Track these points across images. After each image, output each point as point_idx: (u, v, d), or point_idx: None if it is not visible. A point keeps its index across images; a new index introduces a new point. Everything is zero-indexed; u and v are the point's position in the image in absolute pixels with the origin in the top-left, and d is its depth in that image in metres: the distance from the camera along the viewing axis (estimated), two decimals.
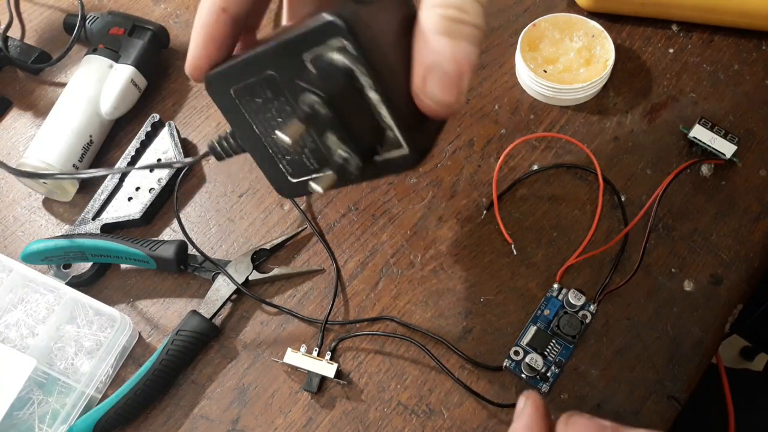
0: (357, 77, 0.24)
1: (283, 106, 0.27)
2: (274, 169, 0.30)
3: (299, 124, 0.25)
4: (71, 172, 0.43)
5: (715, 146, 0.45)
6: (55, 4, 0.59)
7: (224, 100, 0.29)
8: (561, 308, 0.42)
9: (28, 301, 0.44)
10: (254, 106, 0.28)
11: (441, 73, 0.24)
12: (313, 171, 0.29)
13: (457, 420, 0.40)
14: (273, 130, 0.28)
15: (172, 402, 0.42)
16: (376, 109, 0.25)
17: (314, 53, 0.24)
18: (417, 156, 0.26)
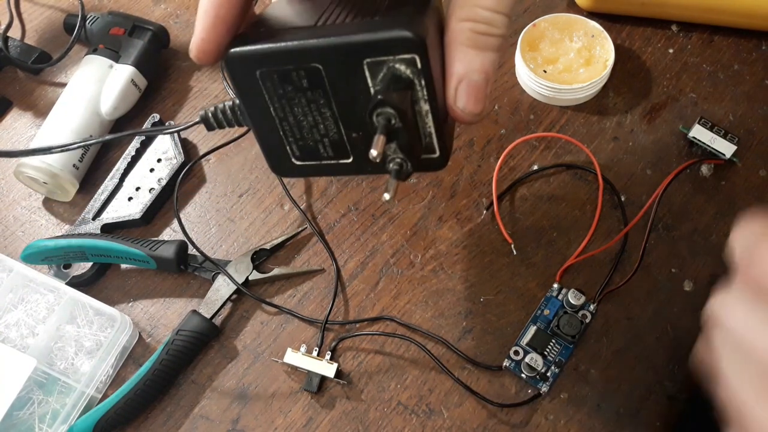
0: (415, 90, 0.26)
1: (317, 96, 0.27)
2: (277, 149, 0.30)
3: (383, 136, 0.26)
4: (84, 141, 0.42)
5: (714, 146, 0.45)
6: (55, 4, 0.59)
7: (244, 80, 0.28)
8: (561, 308, 0.42)
9: (28, 301, 0.44)
10: (280, 91, 0.28)
11: (471, 84, 0.26)
12: (325, 158, 0.30)
13: (457, 420, 0.40)
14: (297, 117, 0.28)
15: (172, 402, 0.42)
16: (422, 119, 0.27)
17: (377, 60, 0.25)
18: (446, 160, 0.28)
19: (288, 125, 0.29)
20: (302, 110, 0.28)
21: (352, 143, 0.29)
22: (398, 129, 0.26)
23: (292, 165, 0.30)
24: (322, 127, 0.28)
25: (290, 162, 0.30)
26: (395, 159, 0.27)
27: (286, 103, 0.28)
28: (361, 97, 0.27)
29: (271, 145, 0.30)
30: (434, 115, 0.27)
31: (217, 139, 0.50)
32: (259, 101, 0.28)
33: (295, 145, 0.29)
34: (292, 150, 0.30)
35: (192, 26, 0.58)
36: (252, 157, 0.50)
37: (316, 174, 0.31)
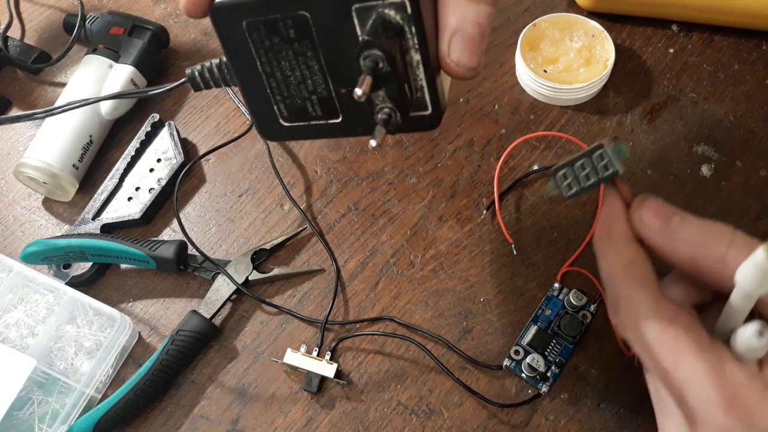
0: (405, 37, 0.25)
1: (304, 48, 0.26)
2: (265, 109, 0.29)
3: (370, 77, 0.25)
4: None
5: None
6: (55, 4, 0.59)
7: (230, 32, 0.27)
8: (562, 308, 0.42)
9: (28, 301, 0.44)
10: (267, 43, 0.27)
11: (465, 36, 0.25)
12: (314, 118, 0.29)
13: (457, 420, 0.40)
14: (284, 72, 0.28)
15: (172, 402, 0.42)
16: (413, 70, 0.26)
17: (366, 5, 0.25)
18: (438, 117, 0.27)
19: (275, 82, 0.28)
20: (289, 64, 0.27)
21: (342, 100, 0.28)
22: (386, 74, 0.25)
23: (280, 127, 0.30)
24: (310, 82, 0.28)
25: (278, 124, 0.30)
26: (383, 108, 0.26)
27: (272, 57, 0.27)
28: (350, 46, 0.26)
29: (259, 105, 0.29)
30: (426, 66, 0.26)
31: (217, 139, 0.50)
32: (246, 56, 0.28)
33: (283, 104, 0.29)
34: (280, 110, 0.29)
35: (191, 26, 0.58)
36: (252, 157, 0.50)
37: (305, 136, 0.30)
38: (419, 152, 0.49)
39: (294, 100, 0.28)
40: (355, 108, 0.28)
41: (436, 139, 0.49)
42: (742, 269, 0.26)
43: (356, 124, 0.28)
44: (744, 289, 0.26)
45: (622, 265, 0.30)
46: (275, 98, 0.29)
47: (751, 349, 0.26)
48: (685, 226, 0.29)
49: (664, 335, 0.28)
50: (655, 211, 0.30)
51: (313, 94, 0.28)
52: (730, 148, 0.47)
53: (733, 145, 0.47)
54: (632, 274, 0.30)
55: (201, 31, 0.56)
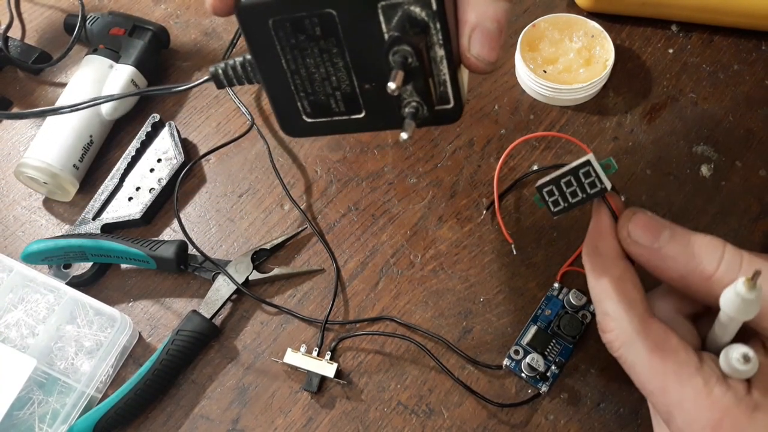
0: (430, 33, 0.26)
1: (329, 45, 0.27)
2: (288, 105, 0.30)
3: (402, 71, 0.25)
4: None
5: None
6: (56, 4, 0.59)
7: (256, 30, 0.28)
8: (561, 308, 0.42)
9: (28, 301, 0.44)
10: (292, 41, 0.27)
11: (484, 31, 0.26)
12: (337, 114, 0.29)
13: (457, 420, 0.40)
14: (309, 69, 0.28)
15: (172, 402, 0.42)
16: (436, 65, 0.27)
17: (392, 3, 0.25)
18: (460, 111, 0.28)
19: (299, 79, 0.29)
20: (314, 61, 0.28)
21: (365, 96, 0.28)
22: (415, 69, 0.26)
23: (303, 123, 0.30)
24: (335, 79, 0.28)
25: (301, 120, 0.30)
26: (411, 102, 0.27)
27: (298, 54, 0.28)
28: (375, 43, 0.26)
29: (282, 102, 0.30)
30: (449, 60, 0.27)
31: (218, 139, 0.50)
32: (271, 54, 0.28)
33: (307, 100, 0.29)
34: (303, 106, 0.29)
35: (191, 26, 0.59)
36: (252, 157, 0.50)
37: (327, 132, 0.30)
38: (419, 152, 0.49)
39: (318, 97, 0.29)
40: (378, 103, 0.28)
41: (436, 139, 0.49)
42: (725, 295, 0.26)
43: (378, 119, 0.29)
44: (727, 314, 0.26)
45: (610, 284, 0.30)
46: (299, 95, 0.29)
47: (737, 372, 0.27)
48: (674, 241, 0.29)
49: (651, 358, 0.28)
50: (643, 225, 0.30)
51: (336, 90, 0.28)
52: (729, 148, 0.47)
53: (732, 145, 0.47)
54: (620, 292, 0.29)
55: (201, 32, 0.56)
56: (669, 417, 0.28)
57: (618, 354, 0.30)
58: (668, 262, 0.29)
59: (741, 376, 0.27)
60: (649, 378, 0.28)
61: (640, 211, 0.31)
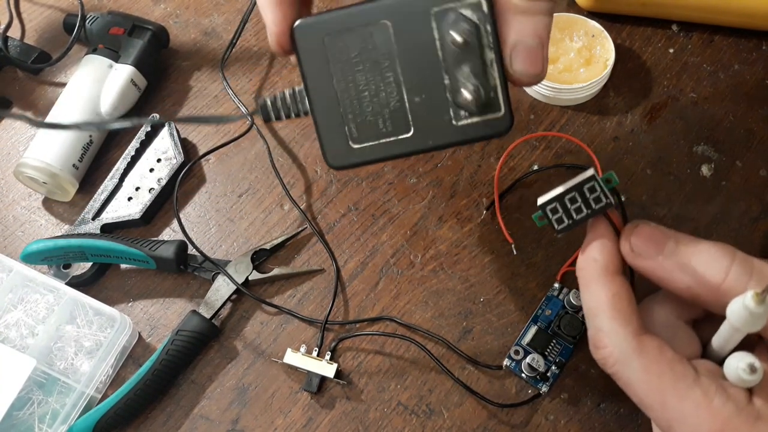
0: (481, 36, 0.26)
1: (381, 58, 0.28)
2: (336, 132, 0.30)
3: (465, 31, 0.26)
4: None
5: None
6: (55, 4, 0.59)
7: (309, 51, 0.28)
8: (562, 308, 0.42)
9: (27, 301, 0.44)
10: (345, 57, 0.28)
11: (525, 49, 0.26)
12: (384, 135, 0.29)
13: (457, 420, 0.40)
14: (358, 87, 0.28)
15: (172, 402, 0.42)
16: (489, 70, 0.27)
17: (444, 8, 0.26)
18: (511, 121, 0.28)
19: (349, 99, 0.29)
20: (365, 77, 0.28)
21: (414, 110, 0.28)
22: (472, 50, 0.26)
23: (349, 150, 0.30)
24: (384, 95, 0.28)
25: (347, 146, 0.30)
26: (468, 85, 0.27)
27: (349, 71, 0.28)
28: (427, 52, 0.27)
29: (330, 129, 0.30)
30: (500, 64, 0.27)
31: (217, 139, 0.50)
32: (323, 74, 0.28)
33: (354, 123, 0.29)
34: (350, 131, 0.29)
35: (191, 26, 0.58)
36: (252, 157, 0.50)
37: (373, 158, 0.30)
38: None
39: (365, 117, 0.29)
40: (427, 118, 0.28)
41: None
42: (732, 306, 0.26)
43: (427, 136, 0.29)
44: (733, 325, 0.26)
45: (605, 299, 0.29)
46: (347, 117, 0.29)
47: (742, 382, 0.26)
48: (680, 252, 0.29)
49: (648, 375, 0.28)
50: (647, 237, 0.29)
51: (385, 107, 0.29)
52: (730, 148, 0.47)
53: (733, 145, 0.47)
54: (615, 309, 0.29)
55: (201, 31, 0.56)
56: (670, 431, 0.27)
57: (613, 371, 0.29)
58: (674, 274, 0.29)
59: (745, 386, 0.27)
60: (647, 394, 0.28)
61: (643, 222, 0.30)
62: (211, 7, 0.57)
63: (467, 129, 0.28)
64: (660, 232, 0.29)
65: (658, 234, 0.29)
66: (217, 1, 0.58)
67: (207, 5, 0.57)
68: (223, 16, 0.57)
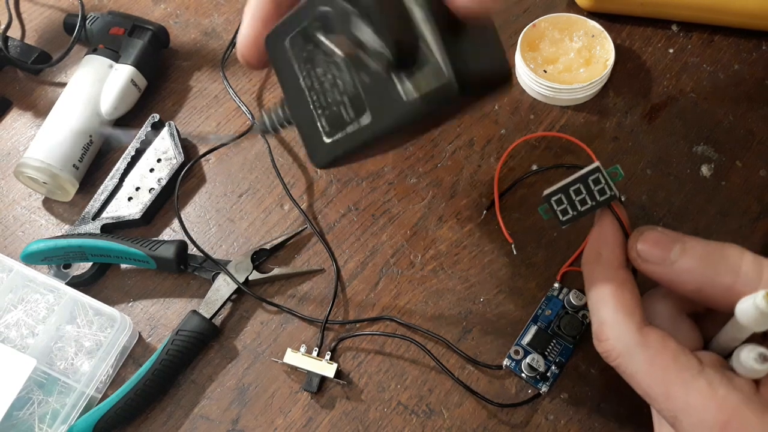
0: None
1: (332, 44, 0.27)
2: (313, 132, 0.30)
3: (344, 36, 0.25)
4: None
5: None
6: (55, 4, 0.59)
7: (279, 58, 0.29)
8: (562, 308, 0.42)
9: (28, 301, 0.44)
10: (305, 54, 0.28)
11: None
12: (348, 124, 0.28)
13: (457, 420, 0.40)
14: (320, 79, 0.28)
15: (172, 402, 0.42)
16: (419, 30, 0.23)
17: None
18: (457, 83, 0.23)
19: (315, 94, 0.29)
20: (323, 69, 0.28)
21: (367, 92, 0.27)
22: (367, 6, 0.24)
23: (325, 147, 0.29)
24: (341, 82, 0.27)
25: (323, 142, 0.29)
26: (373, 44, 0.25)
27: (310, 67, 0.28)
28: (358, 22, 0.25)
29: (308, 130, 0.30)
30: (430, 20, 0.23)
31: (218, 139, 0.50)
32: (292, 76, 0.29)
33: (324, 116, 0.29)
34: (322, 125, 0.29)
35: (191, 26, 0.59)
36: (252, 157, 0.50)
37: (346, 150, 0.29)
38: (419, 152, 0.49)
39: (331, 108, 0.29)
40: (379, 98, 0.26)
41: (436, 139, 0.49)
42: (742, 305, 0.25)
43: (383, 118, 0.26)
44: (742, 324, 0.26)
45: (609, 292, 0.29)
46: (317, 112, 0.29)
47: (752, 372, 0.26)
48: (687, 255, 0.28)
49: (652, 367, 0.27)
50: (653, 242, 0.29)
51: (344, 94, 0.28)
52: (730, 148, 0.47)
53: (733, 145, 0.47)
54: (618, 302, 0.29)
55: (201, 31, 0.56)
56: (675, 421, 0.27)
57: (616, 363, 0.29)
58: (682, 276, 0.29)
59: (756, 376, 0.26)
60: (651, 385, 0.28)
61: (649, 228, 0.30)
62: (211, 7, 0.57)
63: (418, 102, 0.24)
64: (666, 236, 0.29)
65: (665, 239, 0.29)
66: (217, 1, 0.58)
67: (207, 5, 0.57)
68: (223, 16, 0.57)
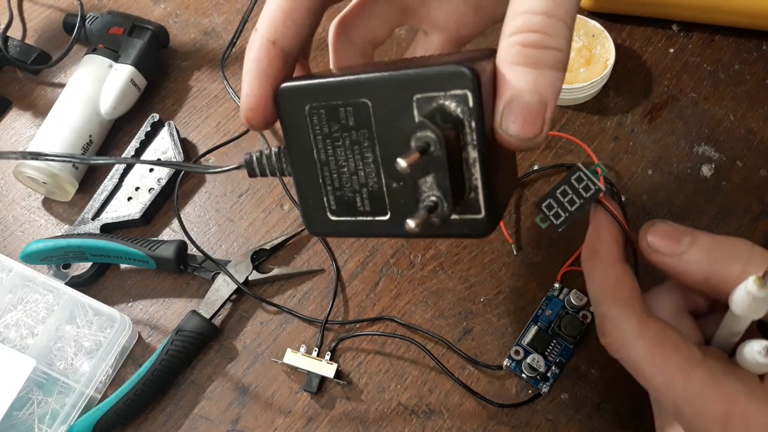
0: (464, 132, 0.24)
1: (361, 138, 0.26)
2: (314, 201, 0.29)
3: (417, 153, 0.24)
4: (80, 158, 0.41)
5: None
6: (55, 3, 0.58)
7: (292, 117, 0.27)
8: (562, 308, 0.41)
9: (27, 301, 0.44)
10: (326, 130, 0.27)
11: (521, 106, 0.22)
12: (361, 213, 0.28)
13: (457, 420, 0.40)
14: (338, 161, 0.27)
15: (172, 402, 0.42)
16: (468, 168, 0.25)
17: (427, 96, 0.24)
18: (492, 224, 0.25)
19: (328, 171, 0.28)
20: (345, 153, 0.27)
21: (392, 196, 0.27)
22: (437, 159, 0.24)
23: (327, 221, 0.29)
24: (363, 174, 0.27)
25: (325, 217, 0.29)
26: (430, 195, 0.25)
27: (329, 145, 0.27)
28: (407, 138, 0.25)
29: (310, 196, 0.29)
30: (483, 164, 0.24)
31: (217, 139, 0.50)
32: (304, 142, 0.28)
33: (333, 196, 0.28)
34: (329, 202, 0.28)
35: (191, 26, 0.58)
36: None
37: (350, 232, 0.29)
38: None
39: (344, 193, 0.28)
40: (404, 205, 0.27)
41: None
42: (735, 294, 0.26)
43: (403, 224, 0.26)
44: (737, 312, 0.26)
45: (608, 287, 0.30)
46: (326, 188, 0.28)
47: (756, 366, 0.26)
48: (696, 246, 0.29)
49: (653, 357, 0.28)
50: (663, 234, 0.30)
51: (364, 187, 0.27)
52: (730, 148, 0.47)
53: (733, 145, 0.47)
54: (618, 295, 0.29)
55: (201, 31, 0.56)
56: (678, 412, 0.27)
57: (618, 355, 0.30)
58: (691, 267, 0.29)
59: (760, 371, 0.26)
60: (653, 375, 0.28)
61: (660, 221, 0.30)
62: (211, 7, 0.57)
63: (443, 227, 0.26)
64: (676, 229, 0.30)
65: (675, 231, 0.30)
66: (217, 1, 0.58)
67: (207, 5, 0.57)
68: (223, 16, 0.57)
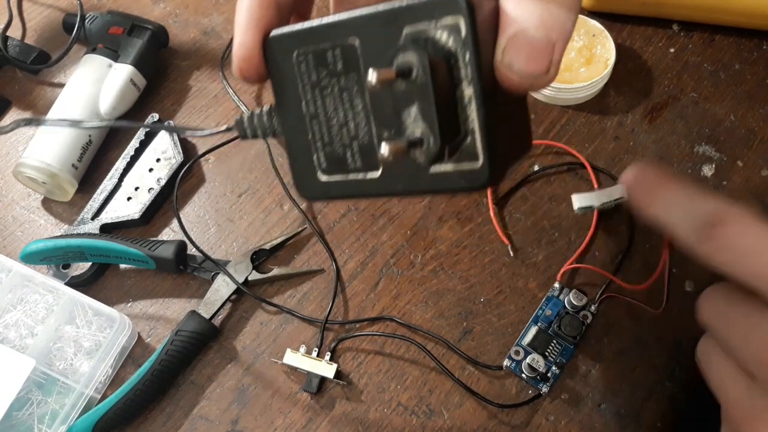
0: (457, 66, 0.21)
1: (350, 83, 0.24)
2: (304, 160, 0.27)
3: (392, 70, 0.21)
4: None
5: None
6: (54, 3, 0.58)
7: (280, 67, 0.26)
8: (562, 308, 0.41)
9: (27, 301, 0.44)
10: (313, 78, 0.25)
11: (525, 41, 0.20)
12: (353, 170, 0.26)
13: (457, 420, 0.40)
14: (327, 112, 0.26)
15: (172, 402, 0.42)
16: (463, 108, 0.22)
17: (417, 28, 0.21)
18: (491, 174, 0.22)
19: (317, 124, 0.26)
20: (333, 102, 0.25)
21: None
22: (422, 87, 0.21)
23: (317, 182, 0.27)
24: (353, 125, 0.25)
25: (315, 178, 0.27)
26: (415, 130, 0.22)
27: (318, 94, 0.25)
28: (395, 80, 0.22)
29: (300, 155, 0.27)
30: (480, 103, 0.21)
31: (217, 139, 0.50)
32: (293, 94, 0.26)
33: (323, 152, 0.27)
34: (319, 160, 0.27)
35: (190, 25, 0.58)
36: (251, 156, 0.49)
37: (342, 194, 0.27)
38: None
39: (334, 147, 0.26)
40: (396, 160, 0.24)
41: None
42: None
43: (395, 180, 0.25)
44: None
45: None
46: (316, 144, 0.27)
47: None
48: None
49: None
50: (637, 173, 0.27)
51: (354, 139, 0.25)
52: (731, 147, 0.47)
53: (734, 144, 0.47)
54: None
55: (200, 31, 0.56)
56: None
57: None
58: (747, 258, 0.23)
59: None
60: None
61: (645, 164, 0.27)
62: (211, 7, 0.57)
63: (439, 178, 0.23)
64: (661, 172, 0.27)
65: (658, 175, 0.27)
66: (217, 0, 0.58)
67: (207, 5, 0.57)
68: (223, 16, 0.57)
